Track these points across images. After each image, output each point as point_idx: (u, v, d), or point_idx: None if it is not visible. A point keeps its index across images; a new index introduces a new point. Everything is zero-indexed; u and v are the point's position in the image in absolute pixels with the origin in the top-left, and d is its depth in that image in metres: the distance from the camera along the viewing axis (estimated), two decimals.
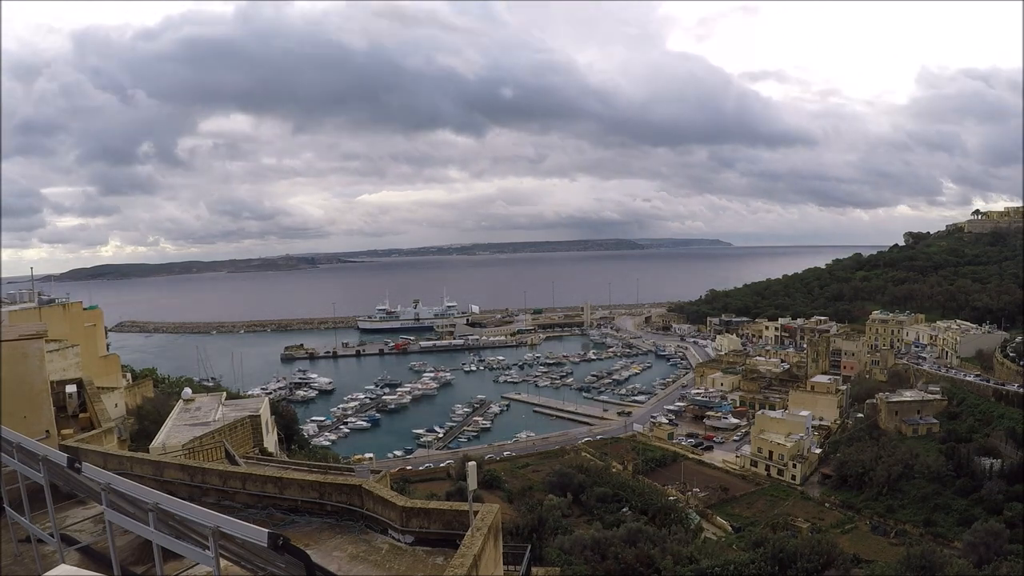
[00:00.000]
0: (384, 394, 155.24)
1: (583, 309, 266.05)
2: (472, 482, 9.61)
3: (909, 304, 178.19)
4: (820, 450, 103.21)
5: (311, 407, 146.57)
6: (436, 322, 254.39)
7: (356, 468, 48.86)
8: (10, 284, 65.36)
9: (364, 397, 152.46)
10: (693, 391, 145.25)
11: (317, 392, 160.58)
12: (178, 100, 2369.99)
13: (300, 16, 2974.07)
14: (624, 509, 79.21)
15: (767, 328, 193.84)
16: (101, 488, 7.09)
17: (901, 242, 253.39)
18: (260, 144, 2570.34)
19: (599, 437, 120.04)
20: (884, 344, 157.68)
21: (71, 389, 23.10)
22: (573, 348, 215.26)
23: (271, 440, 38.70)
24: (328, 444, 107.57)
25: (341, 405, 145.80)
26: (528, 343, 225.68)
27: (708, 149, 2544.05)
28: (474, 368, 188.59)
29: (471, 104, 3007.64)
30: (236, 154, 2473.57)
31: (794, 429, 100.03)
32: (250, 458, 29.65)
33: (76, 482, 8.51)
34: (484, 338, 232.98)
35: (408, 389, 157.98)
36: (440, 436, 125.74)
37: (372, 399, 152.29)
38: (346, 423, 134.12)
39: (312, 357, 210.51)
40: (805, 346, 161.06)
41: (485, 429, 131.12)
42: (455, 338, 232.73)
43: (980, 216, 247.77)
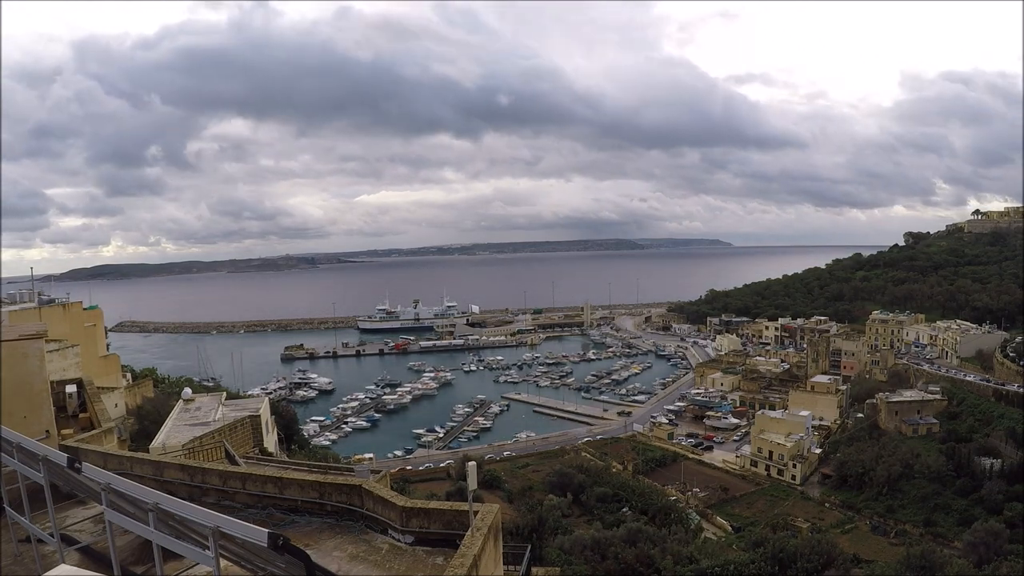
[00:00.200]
0: (384, 394, 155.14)
1: (583, 309, 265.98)
2: (472, 482, 9.61)
3: (909, 304, 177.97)
4: (820, 450, 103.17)
5: (311, 407, 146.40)
6: (436, 322, 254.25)
7: (356, 468, 48.90)
8: (10, 284, 65.38)
9: (364, 397, 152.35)
10: (693, 391, 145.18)
11: (317, 392, 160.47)
12: (180, 106, 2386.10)
13: (291, 27, 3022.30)
14: (624, 509, 79.15)
15: (767, 328, 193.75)
16: (101, 488, 7.08)
17: (901, 242, 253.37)
18: (260, 147, 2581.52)
19: (599, 437, 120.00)
20: (884, 344, 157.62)
21: (71, 389, 23.08)
22: (573, 348, 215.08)
23: (271, 440, 38.69)
24: (328, 444, 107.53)
25: (341, 405, 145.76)
26: (528, 343, 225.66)
27: (699, 151, 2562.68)
28: (474, 368, 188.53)
29: (468, 110, 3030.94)
30: (241, 155, 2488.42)
31: (794, 429, 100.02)
32: (250, 458, 29.64)
33: (76, 482, 8.51)
34: (484, 338, 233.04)
35: (408, 389, 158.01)
36: (440, 436, 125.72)
37: (372, 399, 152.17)
38: (346, 423, 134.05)
39: (312, 357, 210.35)
40: (805, 346, 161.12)
41: (485, 429, 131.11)
42: (455, 338, 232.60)
43: (980, 216, 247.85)
